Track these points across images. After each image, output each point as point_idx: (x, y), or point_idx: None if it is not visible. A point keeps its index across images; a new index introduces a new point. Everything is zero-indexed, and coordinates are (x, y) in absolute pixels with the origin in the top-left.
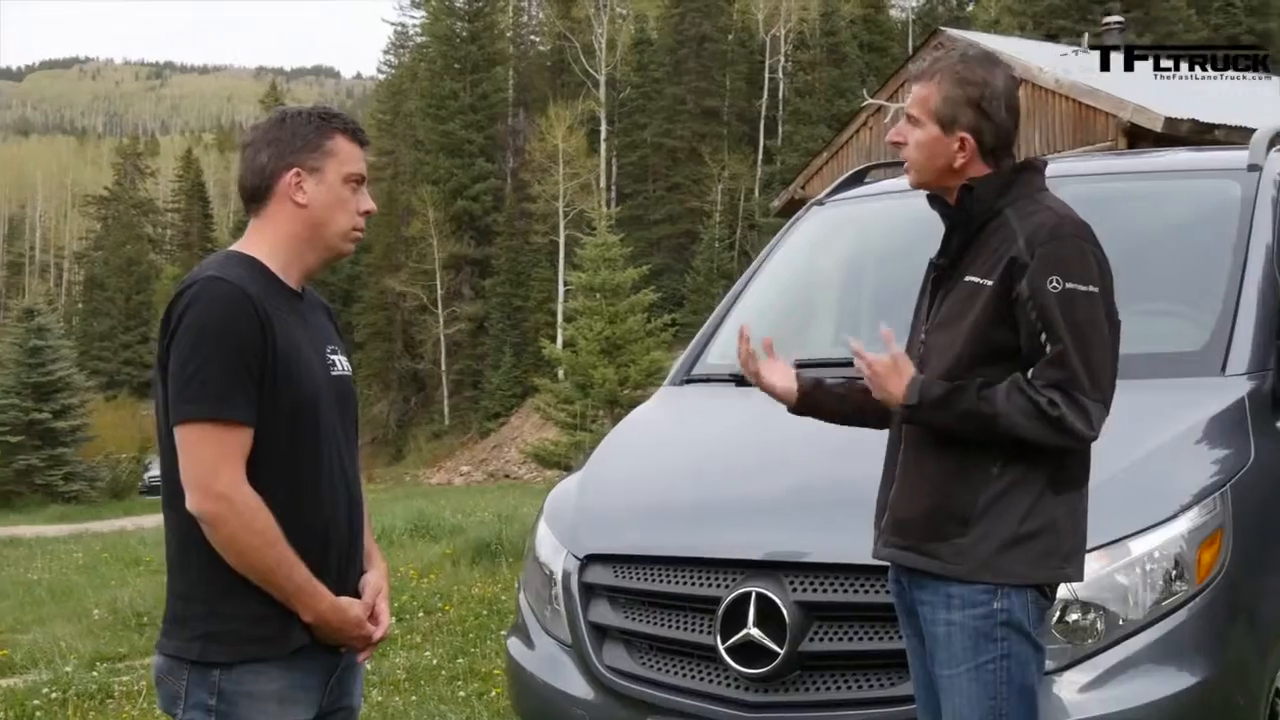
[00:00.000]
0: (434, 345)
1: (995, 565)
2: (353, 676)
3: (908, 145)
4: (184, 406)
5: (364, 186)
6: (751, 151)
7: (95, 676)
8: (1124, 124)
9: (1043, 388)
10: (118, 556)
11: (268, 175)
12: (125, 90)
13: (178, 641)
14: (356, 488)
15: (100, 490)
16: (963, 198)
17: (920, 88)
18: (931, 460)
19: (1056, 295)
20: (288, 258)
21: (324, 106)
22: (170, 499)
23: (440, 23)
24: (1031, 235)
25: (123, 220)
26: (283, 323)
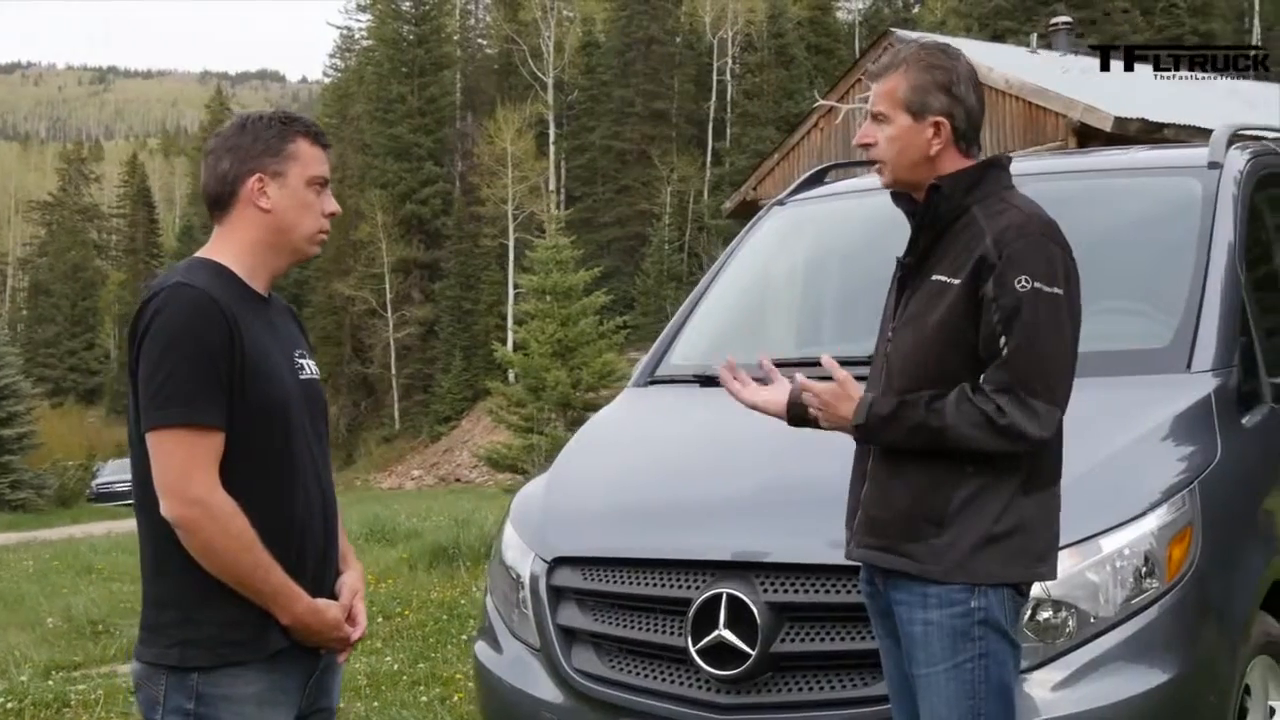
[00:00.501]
0: (384, 349)
1: (970, 565)
2: (331, 677)
3: (877, 144)
4: (154, 413)
5: (327, 189)
6: (700, 154)
7: (51, 685)
8: (1074, 124)
9: (992, 392)
10: (69, 564)
11: (230, 181)
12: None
13: (156, 649)
14: (330, 490)
15: (48, 498)
16: (930, 196)
17: (884, 83)
18: (905, 460)
19: (1023, 294)
20: (254, 262)
21: (285, 111)
22: (143, 505)
23: (386, 26)
24: (1000, 234)
25: (67, 226)
26: (250, 327)
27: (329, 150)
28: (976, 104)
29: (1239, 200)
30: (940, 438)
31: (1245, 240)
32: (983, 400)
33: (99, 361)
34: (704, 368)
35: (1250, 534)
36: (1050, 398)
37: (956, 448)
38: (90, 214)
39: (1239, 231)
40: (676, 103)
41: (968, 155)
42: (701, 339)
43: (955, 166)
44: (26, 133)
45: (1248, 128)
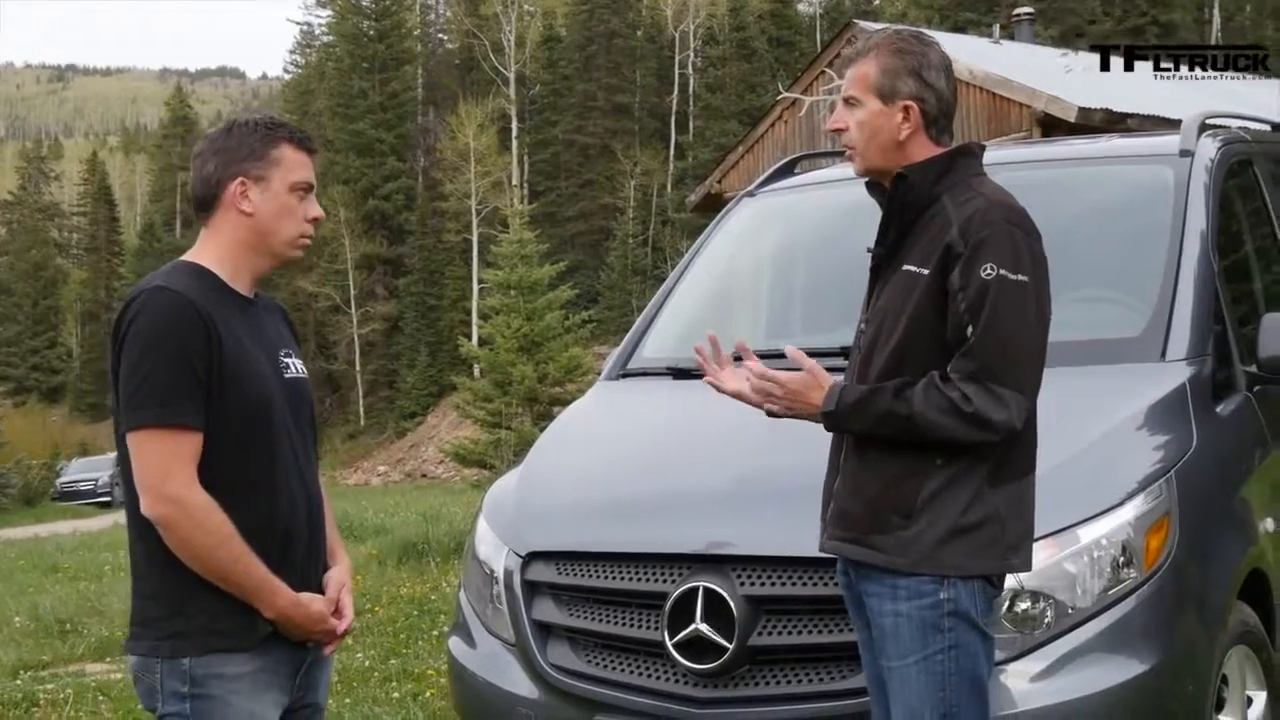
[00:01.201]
0: (348, 345)
1: (937, 557)
2: (319, 672)
3: (848, 129)
4: (133, 413)
5: (311, 194)
6: (663, 147)
7: (19, 685)
8: (1038, 114)
9: (959, 380)
10: (34, 564)
11: (214, 185)
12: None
13: (148, 641)
14: (315, 487)
15: (11, 497)
16: (897, 184)
17: (856, 68)
18: (875, 452)
19: (988, 282)
20: (236, 265)
21: (271, 116)
22: (132, 504)
23: (347, 21)
24: (966, 222)
25: (28, 225)
26: (229, 328)
27: (314, 156)
28: (948, 91)
29: (1210, 188)
30: (909, 425)
31: (1218, 228)
32: (950, 388)
33: (61, 360)
34: (676, 360)
35: (1226, 523)
36: (1018, 385)
37: (925, 436)
38: (51, 212)
39: (1211, 219)
40: (639, 96)
41: (938, 143)
42: (673, 331)
43: (926, 154)
44: None
45: (1218, 115)
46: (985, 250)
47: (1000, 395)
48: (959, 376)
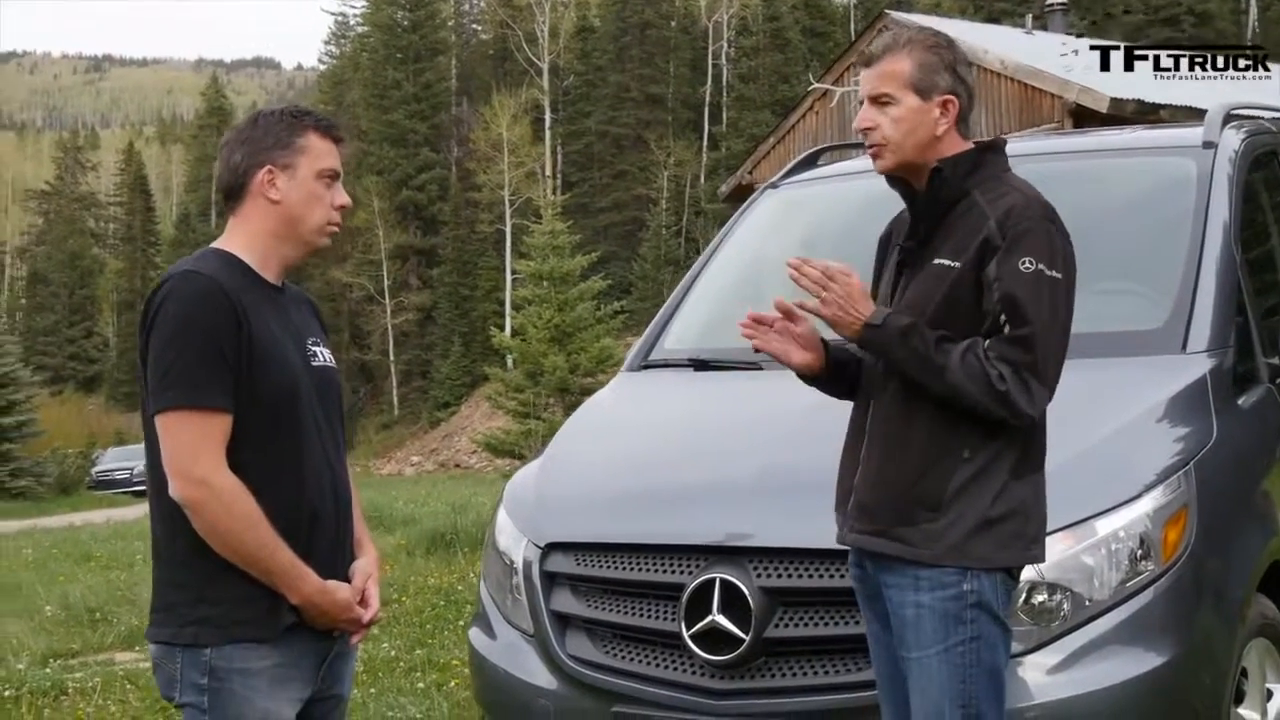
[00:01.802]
0: (382, 335)
1: (965, 548)
2: (344, 664)
3: (879, 128)
4: (162, 395)
5: (338, 181)
6: (696, 138)
7: (49, 673)
8: (1069, 105)
9: (996, 360)
10: (67, 553)
11: (241, 173)
12: (64, 84)
13: (170, 628)
14: (342, 475)
15: (48, 486)
16: (933, 179)
17: (885, 64)
18: (900, 445)
19: (1028, 276)
20: (264, 253)
21: (297, 105)
22: (156, 489)
23: (381, 12)
24: (1004, 216)
25: (65, 215)
26: (259, 314)
27: (342, 144)
28: (973, 86)
29: (1234, 180)
30: (937, 375)
31: (1240, 220)
32: (988, 363)
33: (98, 349)
34: (698, 352)
35: (1246, 515)
36: (1044, 379)
37: (947, 392)
38: (87, 202)
39: (1234, 211)
40: (672, 87)
41: (965, 138)
42: (695, 323)
43: (956, 148)
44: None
45: (1243, 106)
46: (1024, 244)
47: (1029, 385)
48: (996, 356)
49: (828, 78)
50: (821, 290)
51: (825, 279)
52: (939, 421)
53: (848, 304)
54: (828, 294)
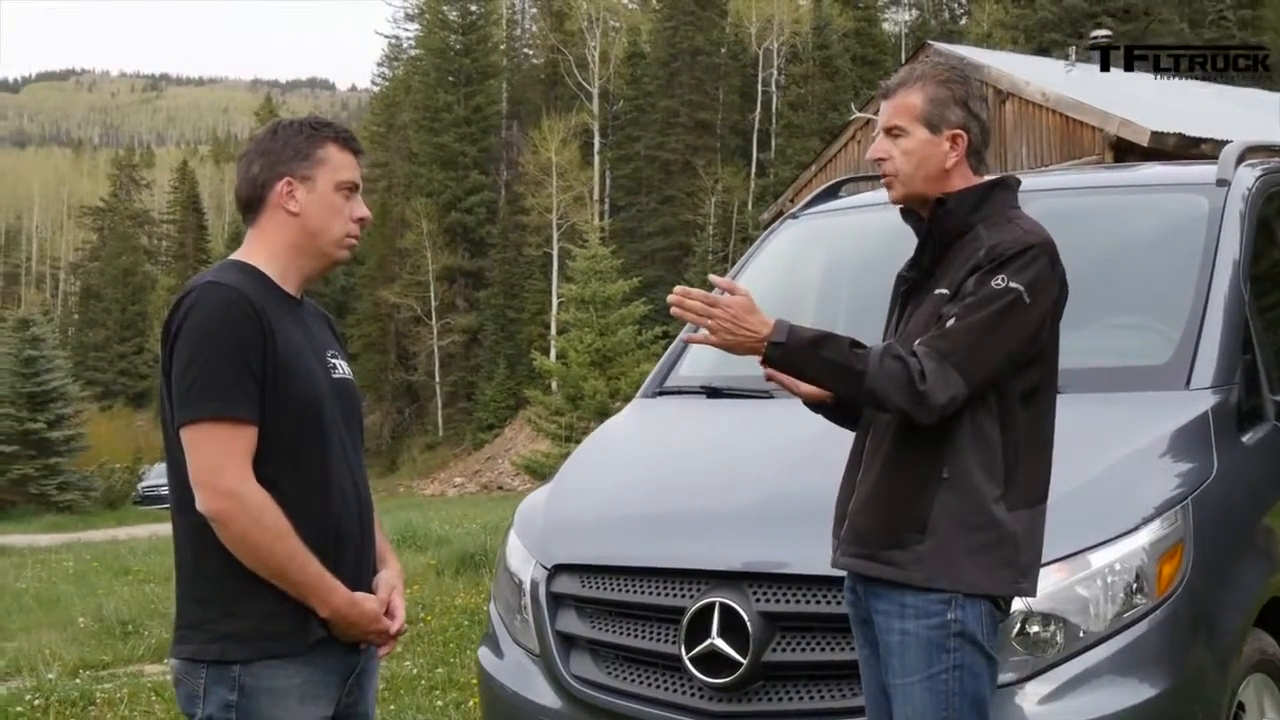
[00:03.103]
0: (428, 357)
1: (952, 572)
2: (368, 680)
3: (891, 159)
4: (188, 408)
5: (358, 194)
6: (744, 164)
7: (78, 684)
8: (1111, 138)
9: (923, 355)
10: (107, 566)
11: (260, 185)
12: (121, 102)
13: (195, 644)
14: (364, 488)
15: (94, 500)
16: (936, 211)
17: (899, 98)
18: (888, 469)
19: (995, 290)
20: (284, 265)
21: (316, 117)
22: (180, 504)
23: (434, 35)
24: (994, 246)
25: (118, 231)
26: (282, 325)
27: (360, 156)
28: (988, 122)
29: (1246, 217)
30: (855, 381)
31: (1251, 258)
32: (912, 362)
33: (148, 365)
34: (711, 379)
35: (1246, 551)
36: (969, 377)
37: (862, 395)
38: (141, 219)
39: (1244, 249)
40: (721, 113)
41: (976, 173)
42: (712, 351)
43: (966, 183)
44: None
45: (1262, 145)
46: (1007, 266)
47: (951, 381)
48: (925, 351)
49: (871, 107)
50: (706, 319)
51: (706, 307)
52: (923, 444)
53: (736, 325)
54: (713, 321)
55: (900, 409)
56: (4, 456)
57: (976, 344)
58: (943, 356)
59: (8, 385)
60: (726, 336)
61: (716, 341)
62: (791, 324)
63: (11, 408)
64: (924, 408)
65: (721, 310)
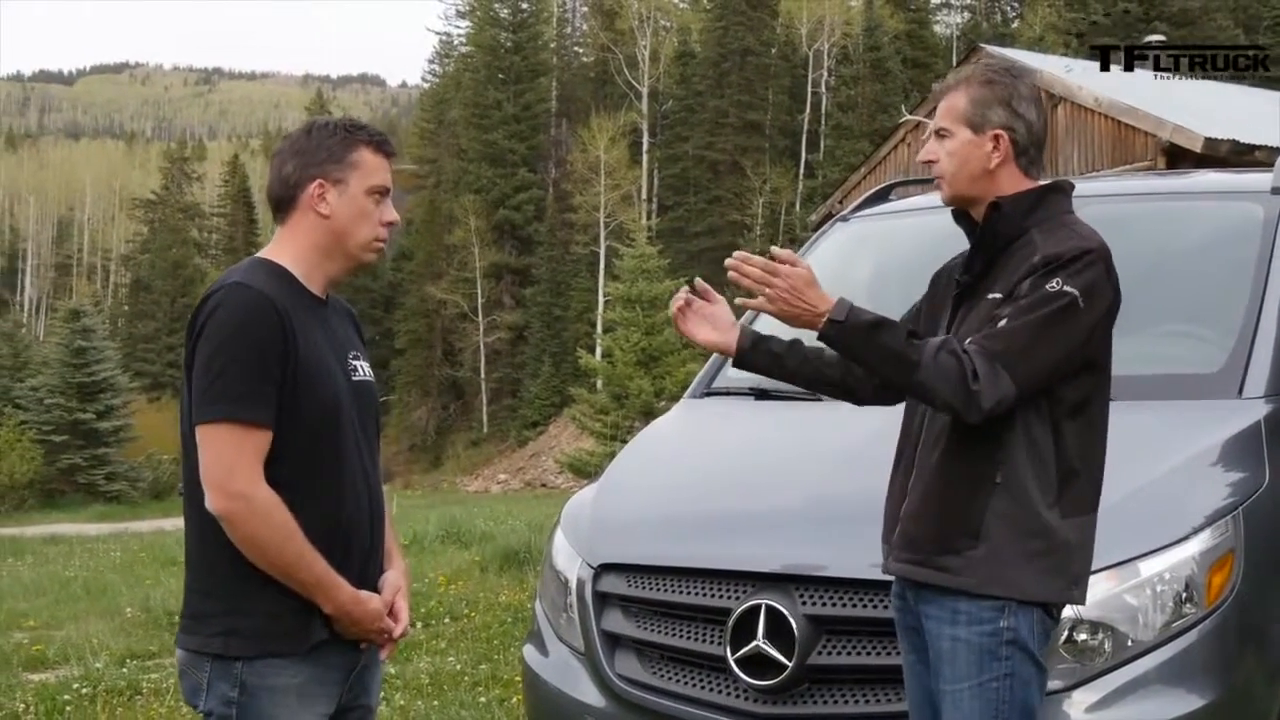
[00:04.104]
0: (473, 353)
1: (1005, 579)
2: (372, 675)
3: (939, 160)
4: (205, 407)
5: (388, 198)
6: (793, 165)
7: (125, 673)
8: (1163, 144)
9: (975, 354)
10: (154, 556)
11: (292, 185)
12: (174, 95)
13: (200, 637)
14: (377, 489)
15: (141, 490)
16: (990, 215)
17: (946, 100)
18: (939, 474)
19: (1050, 292)
20: (311, 266)
21: (351, 118)
22: (191, 498)
23: (485, 33)
24: (1051, 250)
25: (169, 224)
26: (305, 328)
27: (392, 159)
28: (1038, 122)
29: None
30: (907, 372)
31: None
32: (966, 359)
33: None
34: (759, 380)
35: None
36: (1018, 382)
37: (912, 387)
38: (191, 212)
39: None
40: (771, 114)
41: (1028, 175)
42: None
43: (1015, 184)
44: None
45: None
46: (1061, 270)
47: (1000, 380)
48: (977, 350)
49: (922, 109)
50: (765, 286)
51: (766, 274)
52: (977, 449)
53: (793, 296)
54: (771, 289)
55: (948, 405)
56: (54, 446)
57: (1029, 346)
58: (994, 357)
59: (58, 375)
60: (784, 306)
61: (773, 310)
62: (852, 304)
63: (61, 398)
64: (972, 407)
65: (781, 279)
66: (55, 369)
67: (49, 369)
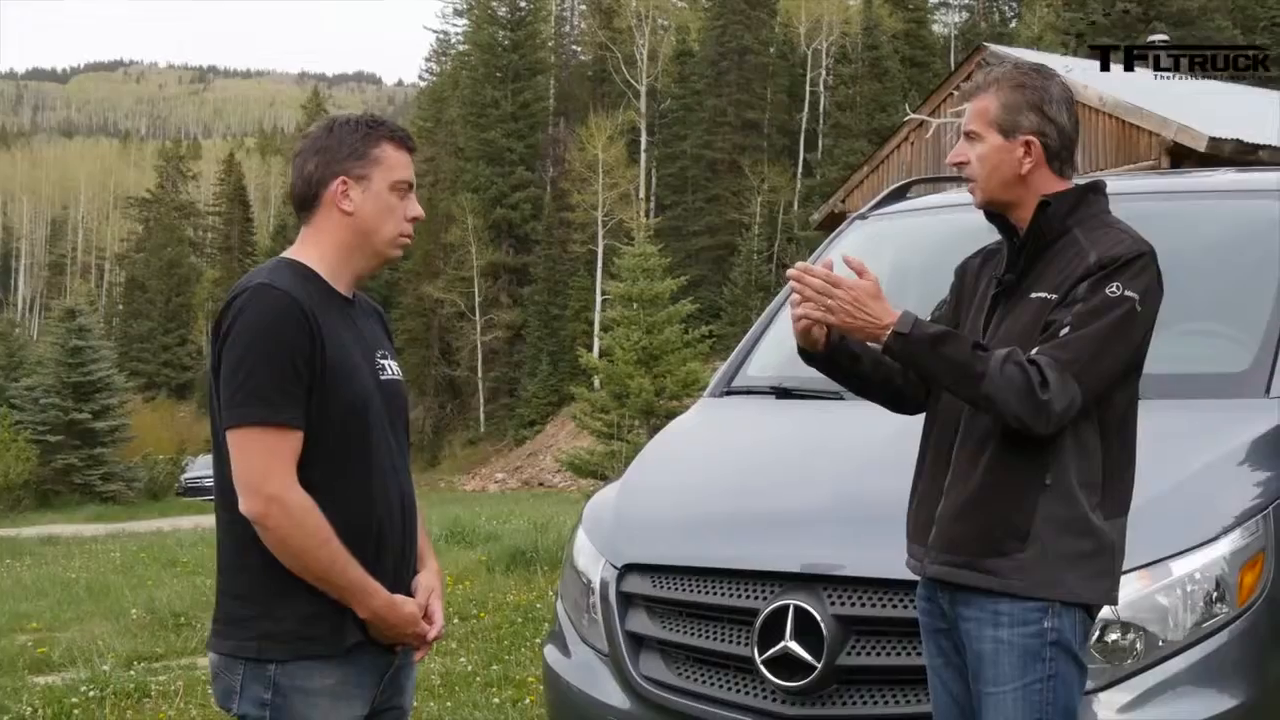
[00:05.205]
0: (471, 352)
1: (1052, 581)
2: (406, 676)
3: (970, 163)
4: (235, 411)
5: (412, 192)
6: (791, 164)
7: (132, 675)
8: (1167, 143)
9: (1045, 365)
10: (154, 557)
11: (315, 184)
12: (169, 93)
13: (233, 641)
14: (409, 490)
15: (137, 491)
16: (1038, 215)
17: (976, 102)
18: (983, 474)
19: (1111, 298)
20: (337, 264)
21: (371, 115)
22: (224, 502)
23: (482, 31)
24: (1105, 253)
25: (164, 223)
26: (332, 328)
27: (414, 154)
28: (1070, 125)
29: None
30: (973, 383)
31: None
32: (1034, 370)
33: (192, 357)
34: (780, 379)
35: None
36: (1086, 389)
37: (979, 399)
38: (187, 211)
39: None
40: (769, 113)
41: (1061, 176)
42: (779, 351)
43: (1049, 186)
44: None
45: None
46: (1119, 274)
47: (1069, 388)
48: (1046, 360)
49: (924, 108)
50: (827, 299)
51: (829, 286)
52: (1027, 451)
53: (857, 308)
54: (833, 301)
55: (1017, 416)
56: (49, 446)
57: (1097, 354)
58: (1064, 366)
59: (54, 375)
60: (846, 319)
61: (834, 322)
62: (916, 316)
63: (57, 397)
64: (1042, 417)
65: (845, 291)
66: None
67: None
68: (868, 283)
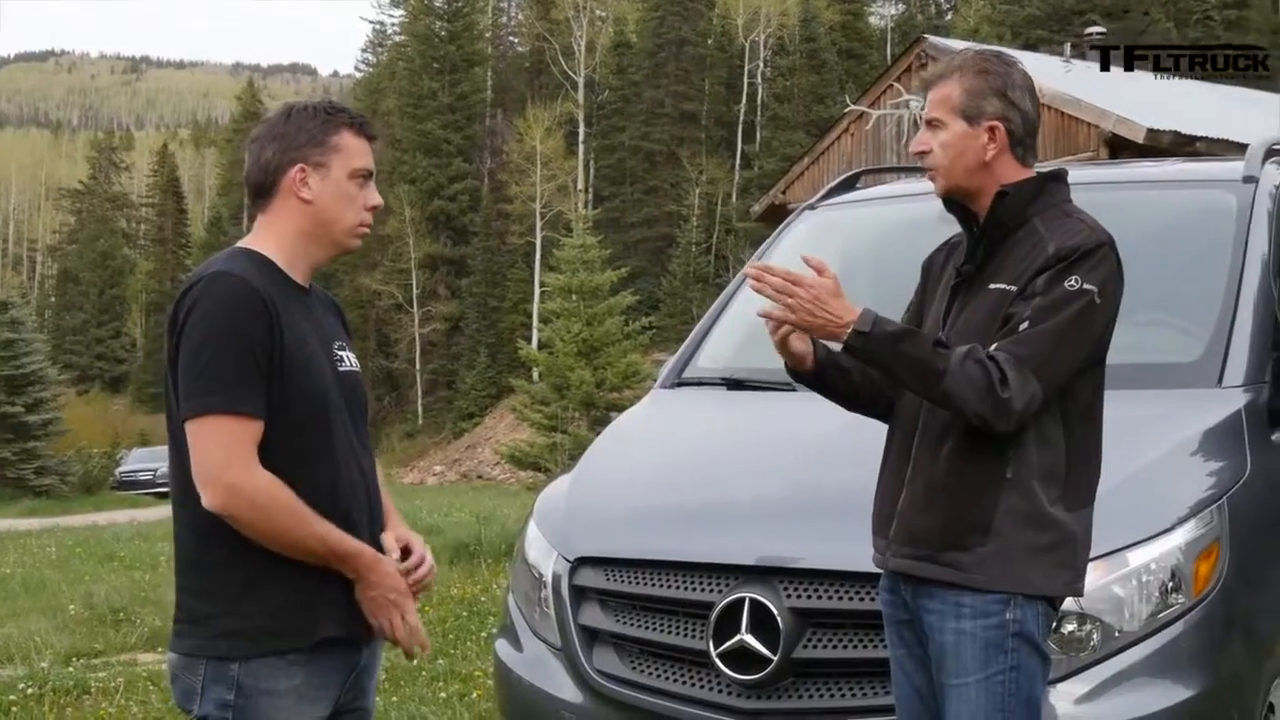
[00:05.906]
0: (409, 344)
1: (1014, 574)
2: (369, 677)
3: (932, 151)
4: (193, 401)
5: (370, 181)
6: (729, 156)
7: (71, 672)
8: (1106, 135)
9: (1004, 361)
10: (90, 552)
11: (273, 171)
12: (101, 84)
13: (196, 639)
14: (372, 479)
15: (72, 485)
16: (996, 205)
17: (938, 89)
18: (943, 467)
19: (1070, 291)
20: (294, 253)
21: (330, 101)
22: (182, 497)
23: (419, 22)
24: (1063, 243)
25: (97, 214)
26: (291, 318)
27: (374, 141)
28: (1033, 110)
29: (1274, 214)
30: (933, 381)
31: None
32: (993, 367)
33: (125, 350)
34: (731, 371)
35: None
36: (1046, 385)
37: (939, 397)
38: (120, 203)
39: (1273, 245)
40: (707, 105)
41: (1024, 164)
42: (729, 342)
43: (1012, 174)
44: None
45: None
46: (1078, 266)
47: (1029, 385)
48: (1005, 356)
49: (864, 100)
50: (787, 297)
51: (789, 284)
52: (987, 445)
53: (817, 306)
54: (793, 300)
55: (978, 414)
56: None
57: (1056, 349)
58: (1022, 362)
59: None
60: (806, 317)
61: (794, 320)
62: (877, 315)
63: None
64: (1003, 415)
65: (805, 290)
66: None
67: None
68: (828, 280)
